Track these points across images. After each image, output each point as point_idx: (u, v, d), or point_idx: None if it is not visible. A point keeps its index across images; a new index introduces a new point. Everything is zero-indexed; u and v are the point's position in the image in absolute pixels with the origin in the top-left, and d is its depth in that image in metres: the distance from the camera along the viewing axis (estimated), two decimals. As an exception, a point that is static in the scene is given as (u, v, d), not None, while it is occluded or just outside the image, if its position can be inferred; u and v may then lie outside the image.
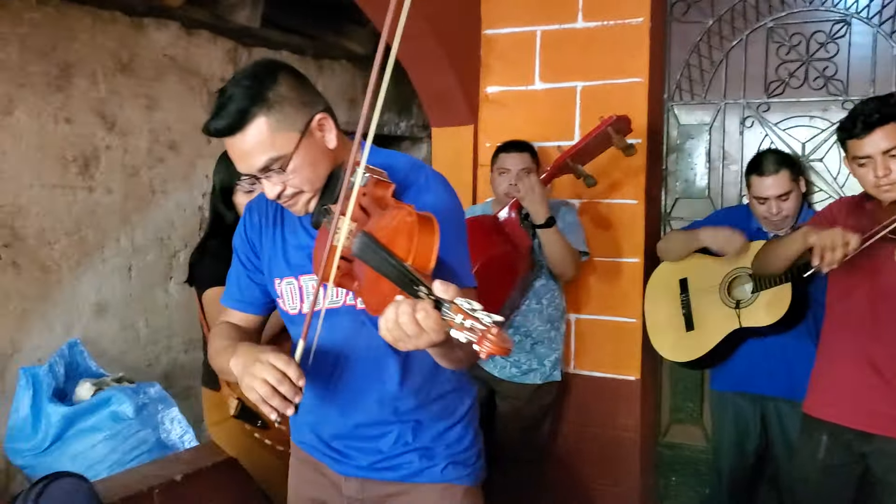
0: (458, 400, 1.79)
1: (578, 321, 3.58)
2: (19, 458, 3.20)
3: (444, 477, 1.74)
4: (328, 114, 1.61)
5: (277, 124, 1.52)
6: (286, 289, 1.73)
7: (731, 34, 3.52)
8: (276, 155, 1.53)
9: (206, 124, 1.55)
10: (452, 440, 1.77)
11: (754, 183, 2.93)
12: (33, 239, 3.32)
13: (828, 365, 2.49)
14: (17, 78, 3.21)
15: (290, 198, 1.60)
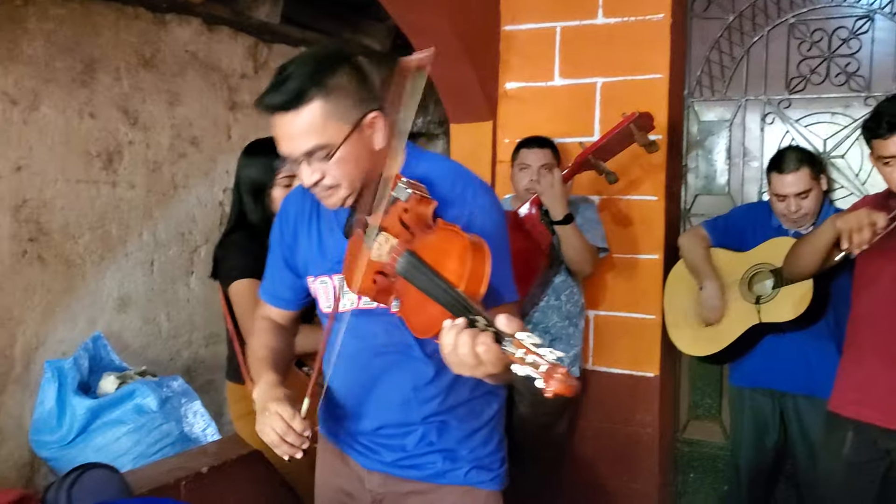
0: (485, 403, 1.77)
1: (597, 318, 3.59)
2: (44, 451, 3.24)
3: (467, 480, 1.73)
4: (382, 114, 1.59)
5: (332, 112, 1.51)
6: (320, 287, 1.73)
7: (751, 30, 3.51)
8: (323, 142, 1.52)
9: (260, 97, 1.54)
10: (477, 444, 1.75)
11: (774, 180, 2.93)
12: (58, 233, 3.35)
13: (854, 362, 2.49)
14: (44, 73, 3.24)
15: (325, 189, 1.59)
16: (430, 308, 1.33)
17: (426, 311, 1.34)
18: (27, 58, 3.19)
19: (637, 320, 3.51)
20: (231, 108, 4.14)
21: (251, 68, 4.19)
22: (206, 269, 3.94)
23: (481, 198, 1.61)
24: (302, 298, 1.84)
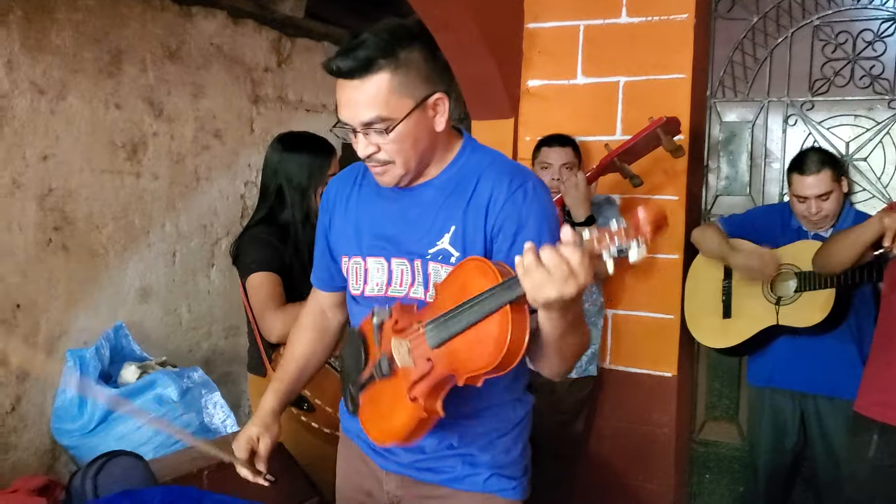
0: (511, 409, 1.71)
1: (615, 317, 3.59)
2: (65, 439, 3.28)
3: (487, 487, 1.67)
4: (448, 97, 1.58)
5: (398, 86, 1.50)
6: (352, 268, 1.72)
7: (775, 31, 3.50)
8: (385, 115, 1.50)
9: (328, 60, 1.52)
10: (499, 450, 1.69)
11: (795, 181, 2.93)
12: (82, 223, 3.38)
13: (881, 364, 2.48)
14: (72, 64, 3.27)
15: (379, 164, 1.57)
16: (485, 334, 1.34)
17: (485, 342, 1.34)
18: (55, 48, 3.21)
19: (656, 320, 3.51)
20: (254, 101, 4.17)
21: (274, 62, 4.21)
22: (227, 262, 4.00)
23: (531, 192, 1.57)
24: (337, 282, 1.85)
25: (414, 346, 1.48)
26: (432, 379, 1.44)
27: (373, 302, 1.66)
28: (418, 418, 1.45)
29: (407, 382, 1.47)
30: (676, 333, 3.47)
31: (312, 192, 2.50)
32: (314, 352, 1.92)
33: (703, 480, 3.68)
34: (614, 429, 3.60)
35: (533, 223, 1.54)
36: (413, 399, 1.45)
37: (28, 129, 3.15)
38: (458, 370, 1.40)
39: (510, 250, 1.53)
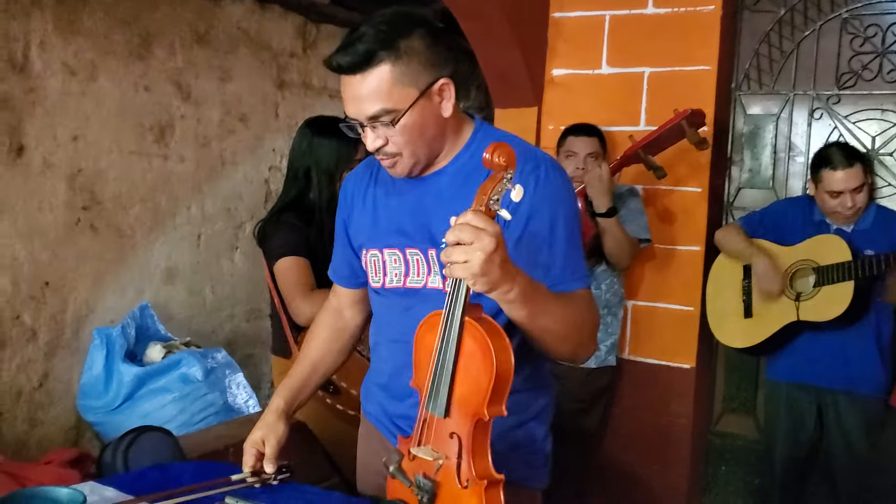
0: (531, 398, 1.69)
1: (635, 307, 3.60)
2: (91, 415, 3.33)
3: (508, 476, 1.61)
4: (453, 81, 1.55)
5: (400, 76, 1.48)
6: (371, 261, 1.72)
7: (803, 24, 3.49)
8: (390, 107, 1.49)
9: (329, 57, 1.51)
10: (520, 439, 1.67)
11: (826, 177, 2.92)
12: (110, 203, 3.43)
13: None
14: (103, 46, 3.31)
15: (389, 156, 1.56)
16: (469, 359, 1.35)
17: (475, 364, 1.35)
18: (87, 30, 3.25)
19: (676, 311, 3.52)
20: (280, 86, 4.20)
21: (300, 48, 4.24)
22: (251, 245, 4.03)
23: (543, 176, 1.55)
24: (360, 278, 1.82)
25: (434, 440, 1.42)
26: (467, 447, 1.38)
27: (394, 294, 1.67)
28: (483, 496, 1.36)
29: (453, 476, 1.39)
30: (696, 325, 3.48)
31: (338, 177, 2.52)
32: (329, 352, 1.90)
33: (719, 472, 3.69)
34: (632, 419, 3.61)
35: (546, 209, 1.53)
36: (466, 484, 1.37)
37: (59, 109, 3.19)
38: (477, 411, 1.35)
39: (520, 238, 1.53)
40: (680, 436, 3.54)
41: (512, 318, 1.44)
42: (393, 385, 1.72)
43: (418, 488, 1.43)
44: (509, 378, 1.35)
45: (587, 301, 1.57)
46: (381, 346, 1.76)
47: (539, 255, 1.53)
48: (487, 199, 1.29)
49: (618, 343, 3.41)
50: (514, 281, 1.35)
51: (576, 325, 1.53)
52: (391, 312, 1.69)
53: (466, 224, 1.28)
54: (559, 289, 1.52)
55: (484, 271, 1.28)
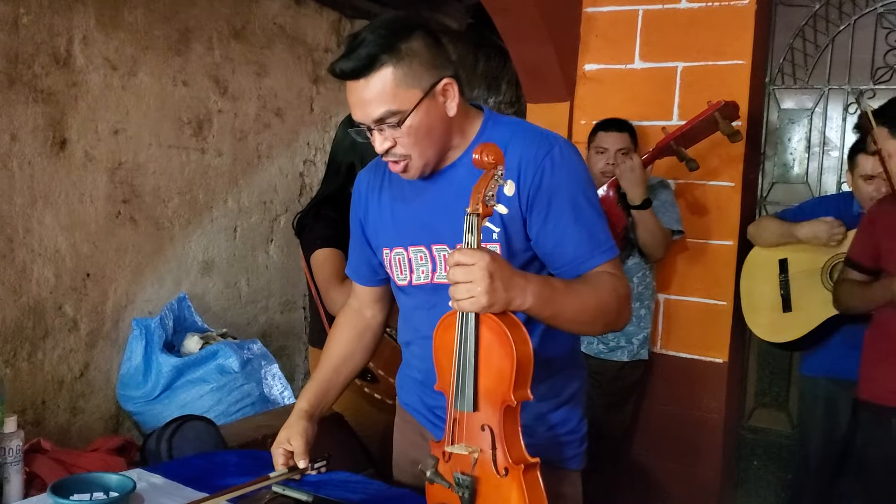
0: (565, 381, 1.73)
1: (668, 301, 3.61)
2: (130, 405, 3.39)
3: (546, 457, 1.65)
4: (456, 80, 1.58)
5: (403, 78, 1.51)
6: (395, 259, 1.73)
7: (838, 19, 3.47)
8: (395, 108, 1.52)
9: (332, 64, 1.54)
10: (556, 422, 1.71)
11: (861, 162, 2.91)
12: (149, 196, 3.48)
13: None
14: (143, 41, 3.36)
15: (398, 158, 1.58)
16: (489, 352, 1.40)
17: (497, 355, 1.39)
18: (128, 25, 3.30)
19: (708, 305, 3.53)
20: (314, 81, 4.24)
21: (334, 43, 4.28)
22: (285, 238, 4.09)
23: (558, 157, 1.57)
24: (380, 275, 1.85)
25: (466, 437, 1.45)
26: (500, 436, 1.41)
27: (421, 291, 1.69)
28: (522, 480, 1.40)
29: (490, 467, 1.42)
30: (728, 319, 3.48)
31: None
32: (352, 353, 1.90)
33: (751, 467, 3.69)
34: (664, 412, 3.63)
35: (566, 189, 1.56)
36: (505, 472, 1.40)
37: (101, 104, 3.24)
38: (504, 398, 1.39)
39: (545, 221, 1.57)
40: (712, 430, 3.55)
41: (534, 318, 1.49)
42: (429, 380, 1.70)
43: (458, 486, 1.46)
44: (530, 362, 1.40)
45: (613, 276, 1.59)
46: (413, 344, 1.78)
47: (566, 234, 1.57)
48: (483, 198, 1.35)
49: (650, 336, 3.42)
50: (526, 292, 1.41)
51: (601, 307, 1.56)
52: (420, 310, 1.71)
53: (456, 264, 1.37)
54: (588, 265, 1.57)
55: (491, 301, 1.36)
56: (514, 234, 1.58)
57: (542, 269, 1.63)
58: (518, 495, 1.39)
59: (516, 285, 1.40)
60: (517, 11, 3.41)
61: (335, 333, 1.93)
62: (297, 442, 1.76)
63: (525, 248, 1.61)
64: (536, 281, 1.46)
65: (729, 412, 3.58)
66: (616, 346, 3.29)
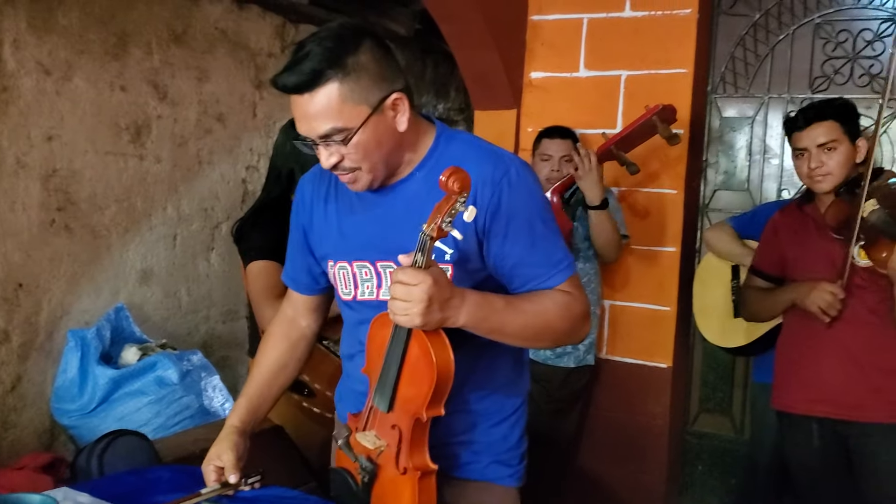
0: (507, 397, 1.70)
1: (612, 307, 3.62)
2: (65, 419, 3.30)
3: (485, 475, 1.67)
4: (406, 94, 1.52)
5: (350, 94, 1.45)
6: (339, 273, 1.68)
7: (777, 28, 3.53)
8: (340, 126, 1.46)
9: (275, 77, 1.47)
10: (497, 438, 1.68)
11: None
12: (85, 204, 3.40)
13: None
14: (78, 45, 3.28)
15: (346, 171, 1.53)
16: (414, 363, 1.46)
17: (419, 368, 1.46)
18: (62, 28, 3.22)
19: (652, 311, 3.55)
20: (257, 86, 4.18)
21: (278, 48, 4.22)
22: (227, 246, 4.02)
23: (514, 178, 1.54)
24: (321, 284, 1.80)
25: (377, 428, 1.54)
26: (406, 439, 1.48)
27: (366, 307, 1.65)
28: (417, 483, 1.48)
29: (392, 462, 1.51)
30: (672, 325, 3.51)
31: None
32: (284, 364, 1.84)
33: (696, 472, 3.72)
34: (608, 419, 3.64)
35: (523, 211, 1.54)
36: (404, 471, 1.49)
37: (33, 109, 3.15)
38: (416, 412, 1.46)
39: (503, 244, 1.54)
40: (657, 435, 3.57)
41: None
42: (367, 391, 1.67)
43: (361, 468, 1.56)
44: (448, 384, 1.46)
45: (567, 294, 1.57)
46: (358, 357, 1.72)
47: (523, 256, 1.55)
48: (441, 220, 1.36)
49: (595, 342, 3.44)
50: (460, 311, 1.44)
51: (546, 326, 1.55)
52: (367, 324, 1.63)
53: (398, 283, 1.39)
54: (545, 286, 1.56)
55: (424, 322, 1.40)
56: (468, 256, 1.55)
57: (499, 286, 1.60)
58: (410, 495, 1.48)
59: (452, 305, 1.43)
60: (463, 18, 3.40)
61: (267, 344, 1.86)
62: (227, 457, 1.70)
63: (478, 268, 1.58)
64: (474, 301, 1.46)
65: (674, 417, 3.60)
66: (563, 352, 3.29)
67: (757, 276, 2.77)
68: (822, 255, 2.50)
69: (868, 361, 2.45)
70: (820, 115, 2.47)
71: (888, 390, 2.44)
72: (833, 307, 2.44)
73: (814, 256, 2.53)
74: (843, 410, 2.48)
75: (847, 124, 2.48)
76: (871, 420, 2.45)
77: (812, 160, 2.47)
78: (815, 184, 2.51)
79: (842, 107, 2.51)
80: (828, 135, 2.46)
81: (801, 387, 2.58)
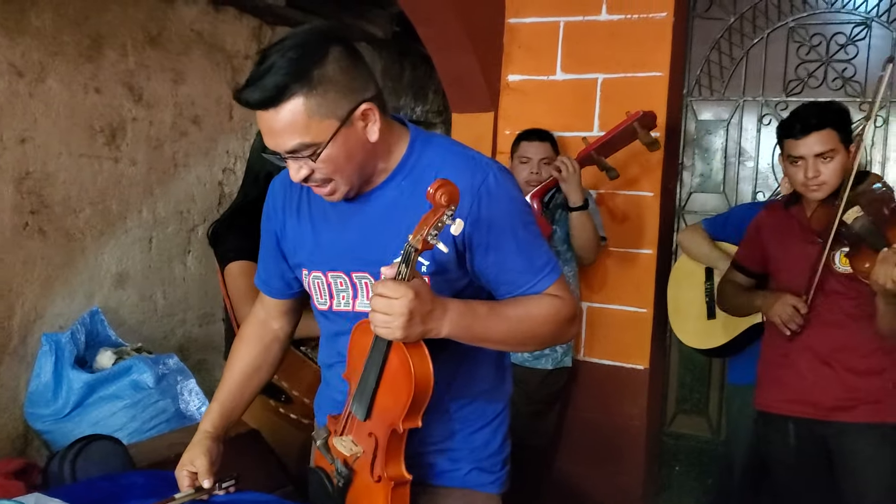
0: (489, 403, 1.68)
1: (590, 309, 3.64)
2: (39, 423, 3.26)
3: (466, 482, 1.65)
4: (376, 102, 1.46)
5: (317, 108, 1.39)
6: (314, 283, 1.65)
7: (752, 32, 3.57)
8: (308, 141, 1.41)
9: (238, 91, 1.42)
10: (479, 444, 1.66)
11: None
12: (59, 207, 3.36)
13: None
14: (51, 46, 3.24)
15: (318, 183, 1.49)
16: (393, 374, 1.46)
17: (398, 380, 1.45)
18: (35, 30, 3.18)
19: (629, 313, 3.57)
20: (234, 88, 4.15)
21: (254, 49, 4.20)
22: (203, 249, 3.99)
23: (493, 185, 1.51)
24: (293, 289, 1.77)
25: (354, 433, 1.55)
26: (382, 448, 1.48)
27: (343, 318, 1.63)
28: (391, 492, 1.48)
29: (367, 469, 1.51)
30: (649, 327, 3.53)
31: None
32: (258, 368, 1.81)
33: (673, 472, 3.75)
34: (587, 420, 3.66)
35: (504, 218, 1.51)
36: (378, 479, 1.49)
37: (6, 111, 3.12)
38: (393, 423, 1.45)
39: (486, 253, 1.52)
40: (634, 436, 3.59)
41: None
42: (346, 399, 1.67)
43: (337, 472, 1.57)
44: (426, 397, 1.45)
45: (555, 298, 1.55)
46: (337, 366, 1.70)
47: (507, 263, 1.53)
48: (427, 234, 1.33)
49: (573, 344, 3.45)
50: (442, 322, 1.43)
51: (531, 331, 1.54)
52: (344, 335, 1.61)
53: (379, 296, 1.37)
54: (534, 290, 1.54)
55: (405, 335, 1.38)
56: (447, 266, 1.53)
57: (478, 290, 1.59)
58: (383, 503, 1.49)
59: (435, 318, 1.41)
60: (440, 21, 3.40)
61: (240, 347, 1.83)
62: (200, 462, 1.68)
63: (458, 276, 1.56)
64: (457, 311, 1.45)
65: (651, 418, 3.62)
66: (541, 354, 3.30)
67: (738, 270, 2.77)
68: (803, 257, 2.49)
69: (840, 364, 2.47)
70: (819, 124, 2.41)
71: (864, 391, 2.45)
72: (793, 320, 2.46)
73: (794, 258, 2.53)
74: (819, 412, 2.50)
75: (843, 132, 2.43)
76: (848, 420, 2.46)
77: (809, 169, 2.41)
78: (810, 192, 2.45)
79: (838, 113, 2.46)
80: (826, 144, 2.39)
81: (777, 387, 2.60)
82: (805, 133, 2.41)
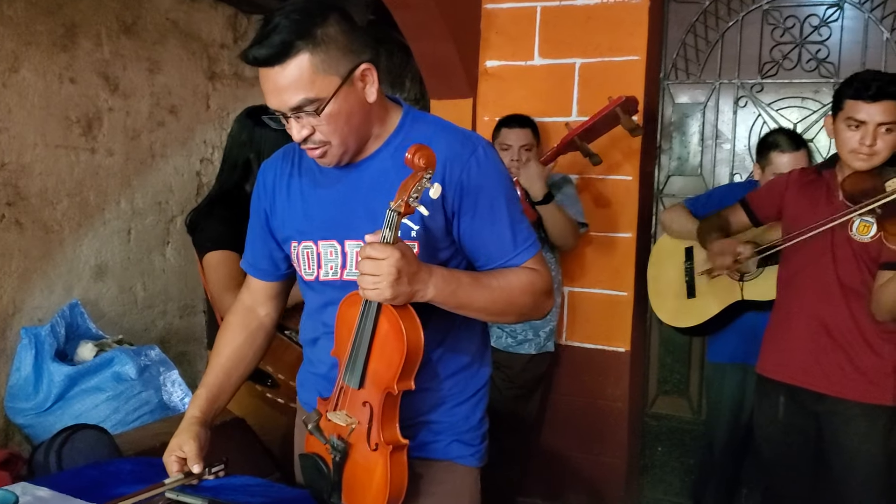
0: (470, 378, 1.72)
1: (571, 294, 3.66)
2: (20, 417, 3.23)
3: (447, 454, 1.69)
4: (374, 66, 1.54)
5: (321, 64, 1.46)
6: (303, 252, 1.68)
7: (727, 15, 3.59)
8: (312, 96, 1.47)
9: (245, 51, 1.48)
10: (459, 418, 1.70)
11: (774, 160, 3.03)
12: (36, 198, 3.32)
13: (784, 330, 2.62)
14: (24, 35, 3.20)
15: (316, 145, 1.54)
16: (384, 338, 1.49)
17: (389, 342, 1.48)
18: (7, 19, 3.14)
19: (610, 297, 3.59)
20: (210, 77, 4.13)
21: (231, 38, 4.17)
22: (183, 240, 3.97)
23: (482, 157, 1.58)
24: (281, 270, 1.80)
25: (348, 406, 1.55)
26: (377, 415, 1.50)
27: (329, 287, 1.65)
28: (389, 458, 1.49)
29: (363, 439, 1.53)
30: (630, 310, 3.56)
31: None
32: (244, 356, 1.83)
33: (656, 453, 3.78)
34: (569, 403, 3.68)
35: (490, 189, 1.57)
36: (376, 447, 1.51)
37: (-21, 102, 3.09)
38: (388, 385, 1.48)
39: (472, 221, 1.57)
40: (617, 419, 3.62)
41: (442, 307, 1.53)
42: (334, 375, 1.67)
43: (332, 447, 1.57)
44: (419, 357, 1.49)
45: (532, 271, 1.61)
46: (322, 339, 1.72)
47: (489, 234, 1.59)
48: (407, 197, 1.39)
49: (556, 329, 3.46)
50: (428, 285, 1.48)
51: (511, 301, 1.59)
52: (331, 305, 1.64)
53: (367, 258, 1.41)
54: (511, 263, 1.60)
55: (394, 295, 1.42)
56: (434, 233, 1.58)
57: (464, 261, 1.64)
58: (382, 470, 1.50)
59: (420, 279, 1.46)
60: (417, 7, 3.39)
61: (225, 334, 1.84)
62: (189, 447, 1.68)
63: (445, 245, 1.60)
64: (441, 275, 1.50)
65: (632, 400, 3.65)
66: (524, 339, 3.32)
67: (742, 207, 2.79)
68: (822, 217, 2.45)
69: (843, 335, 2.45)
70: (892, 93, 2.31)
71: (864, 369, 2.44)
72: (722, 264, 2.54)
73: (812, 218, 2.48)
74: (811, 380, 2.50)
75: None
76: (841, 395, 2.46)
77: (868, 137, 2.33)
78: (857, 160, 2.38)
79: None
80: (892, 115, 2.32)
81: (775, 351, 2.61)
82: (877, 98, 2.31)
